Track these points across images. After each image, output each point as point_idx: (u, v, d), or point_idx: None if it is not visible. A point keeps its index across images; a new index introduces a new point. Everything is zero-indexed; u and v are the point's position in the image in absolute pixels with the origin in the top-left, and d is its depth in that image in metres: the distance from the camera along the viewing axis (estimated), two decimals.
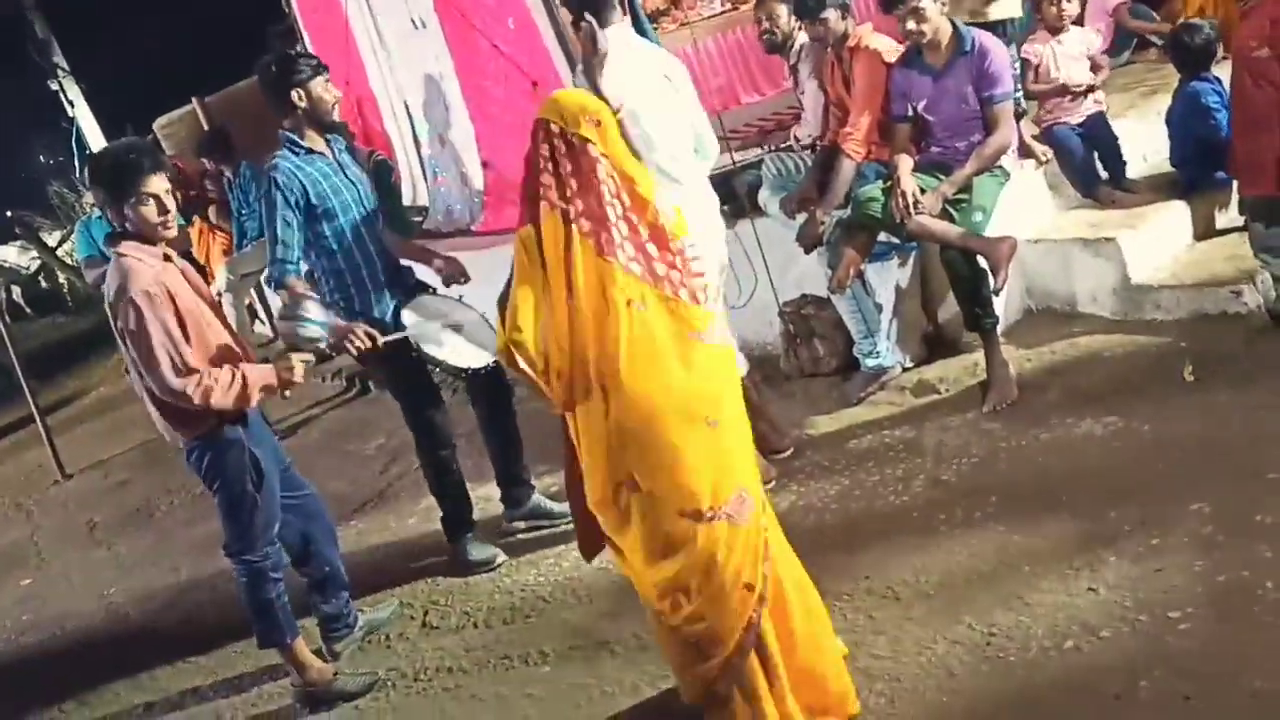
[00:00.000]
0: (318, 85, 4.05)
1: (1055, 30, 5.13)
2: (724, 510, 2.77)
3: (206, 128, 9.19)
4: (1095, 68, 5.17)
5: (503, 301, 2.88)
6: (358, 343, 3.89)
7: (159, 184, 3.45)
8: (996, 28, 5.12)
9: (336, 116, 4.14)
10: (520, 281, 2.80)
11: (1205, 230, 4.91)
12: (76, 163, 12.30)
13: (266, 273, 4.14)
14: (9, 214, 16.54)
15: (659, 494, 2.76)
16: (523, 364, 2.77)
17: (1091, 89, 5.10)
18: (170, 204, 3.49)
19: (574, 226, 2.73)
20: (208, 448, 3.62)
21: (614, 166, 2.78)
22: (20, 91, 12.92)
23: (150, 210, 3.44)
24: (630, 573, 2.94)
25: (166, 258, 3.54)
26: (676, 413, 2.74)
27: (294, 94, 4.03)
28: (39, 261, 16.90)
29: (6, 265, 16.95)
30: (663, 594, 2.84)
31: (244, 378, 3.48)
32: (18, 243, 17.12)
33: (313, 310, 3.64)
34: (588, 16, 3.87)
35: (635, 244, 2.77)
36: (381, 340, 3.93)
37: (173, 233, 3.55)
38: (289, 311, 3.66)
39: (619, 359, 2.71)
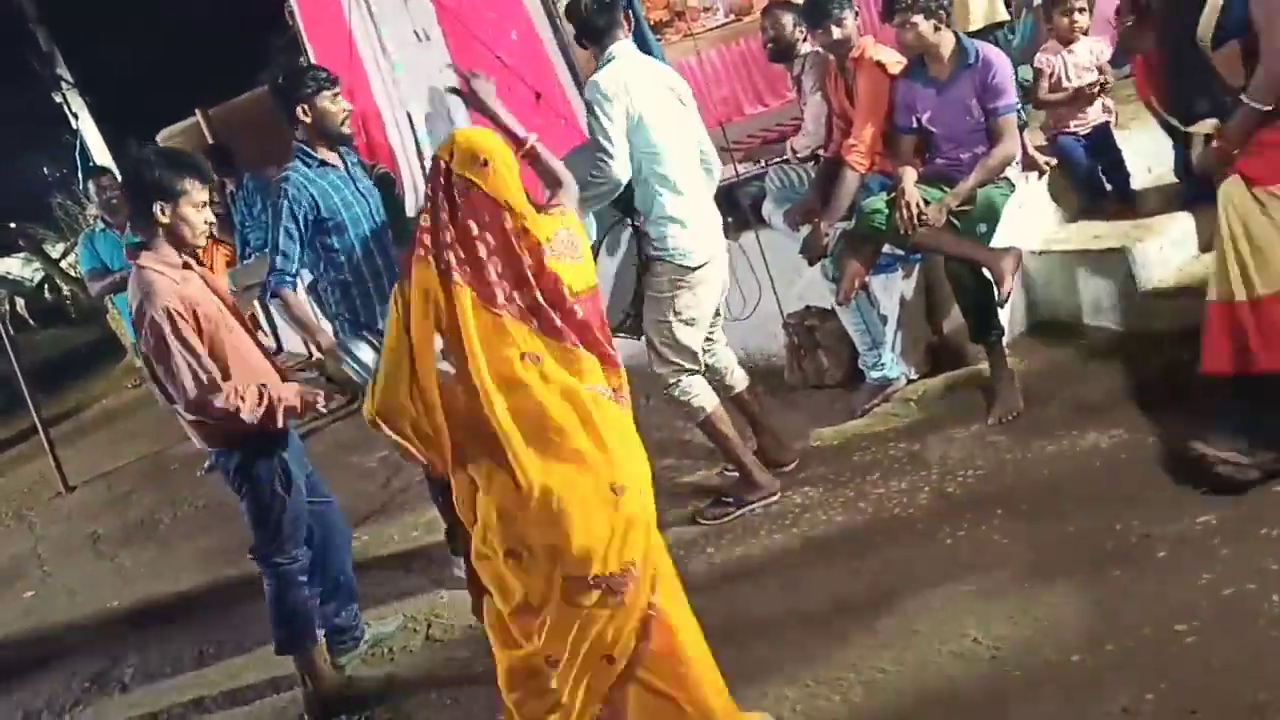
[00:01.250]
0: (323, 100, 4.06)
1: (1067, 41, 5.15)
2: (606, 580, 2.67)
3: (210, 140, 9.24)
4: (1103, 73, 5.19)
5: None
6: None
7: (203, 193, 3.53)
8: (986, 36, 5.12)
9: (346, 129, 4.14)
10: (390, 337, 2.69)
11: (1210, 240, 4.89)
12: (80, 175, 12.33)
13: (263, 281, 4.16)
14: (12, 226, 16.56)
15: (549, 560, 2.65)
16: (393, 435, 2.68)
17: (1104, 88, 5.10)
18: (210, 215, 3.56)
19: (454, 275, 2.63)
20: (235, 452, 3.62)
21: (501, 210, 2.67)
22: (23, 104, 12.95)
23: (195, 215, 3.49)
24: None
25: (186, 265, 3.56)
26: (579, 475, 2.64)
27: (299, 109, 4.04)
28: (43, 274, 16.93)
29: (10, 277, 17.00)
30: (518, 670, 2.77)
31: (270, 399, 3.48)
32: (21, 255, 17.15)
33: (366, 355, 3.63)
34: None
35: (525, 295, 2.66)
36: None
37: (202, 242, 3.59)
38: (341, 346, 3.70)
39: (515, 418, 2.60)
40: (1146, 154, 5.30)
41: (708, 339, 4.28)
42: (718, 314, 4.30)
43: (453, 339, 2.65)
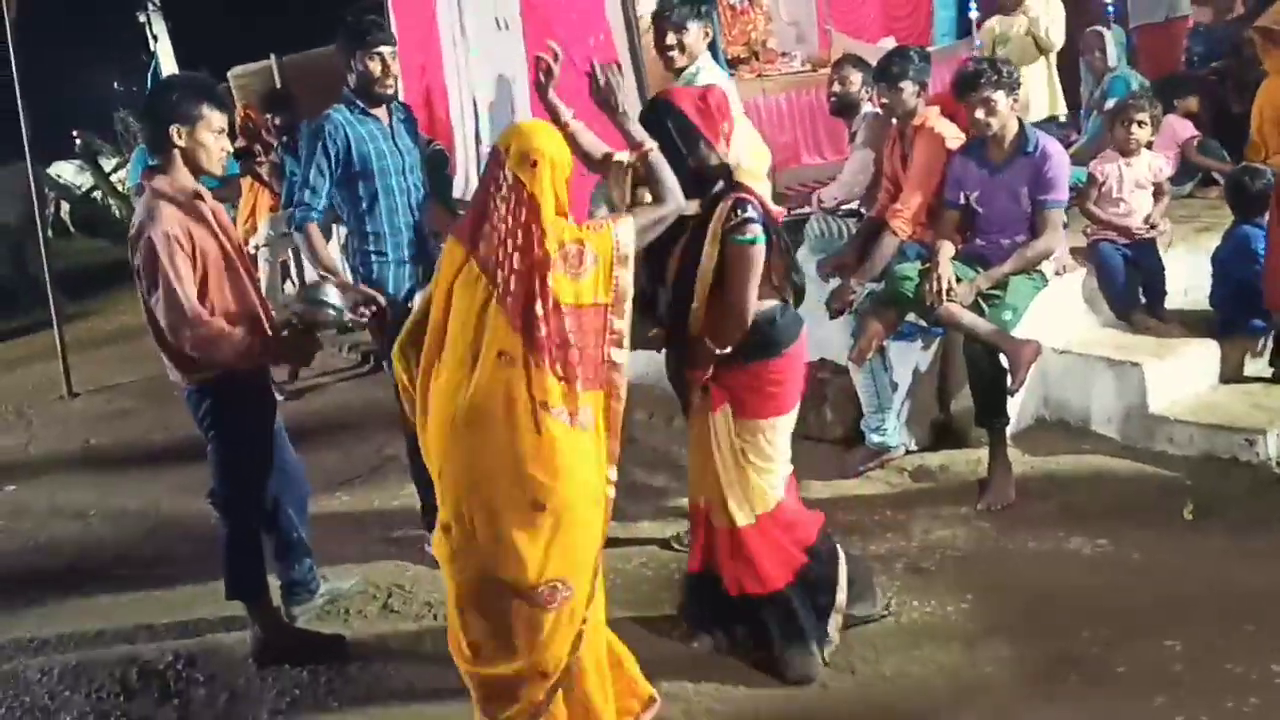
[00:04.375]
0: (367, 57, 4.12)
1: (1125, 152, 5.14)
2: (538, 593, 2.78)
3: (278, 85, 9.34)
4: (1158, 193, 5.19)
5: None
6: (372, 309, 4.01)
7: (222, 120, 3.56)
8: (1041, 128, 5.12)
9: (385, 90, 4.18)
10: (424, 294, 2.94)
11: (1232, 374, 4.89)
12: (148, 95, 12.49)
13: (290, 213, 4.24)
14: (74, 133, 16.75)
15: (483, 549, 2.77)
16: (400, 374, 2.95)
17: (1152, 226, 5.10)
18: (226, 144, 3.60)
19: (472, 261, 2.76)
20: (208, 393, 3.64)
21: (536, 212, 2.75)
22: (105, 18, 13.15)
23: (212, 141, 3.52)
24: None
25: (198, 196, 3.57)
26: (507, 481, 2.73)
27: (345, 60, 4.16)
28: (92, 183, 17.11)
29: (61, 181, 17.15)
30: (467, 645, 2.88)
31: (249, 343, 3.49)
32: (76, 161, 17.34)
33: (333, 295, 3.64)
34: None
35: (525, 299, 2.73)
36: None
37: (219, 170, 3.62)
38: (312, 295, 3.65)
39: (469, 408, 2.73)
40: (1186, 276, 5.29)
41: None
42: None
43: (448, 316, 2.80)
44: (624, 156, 3.24)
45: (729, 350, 3.34)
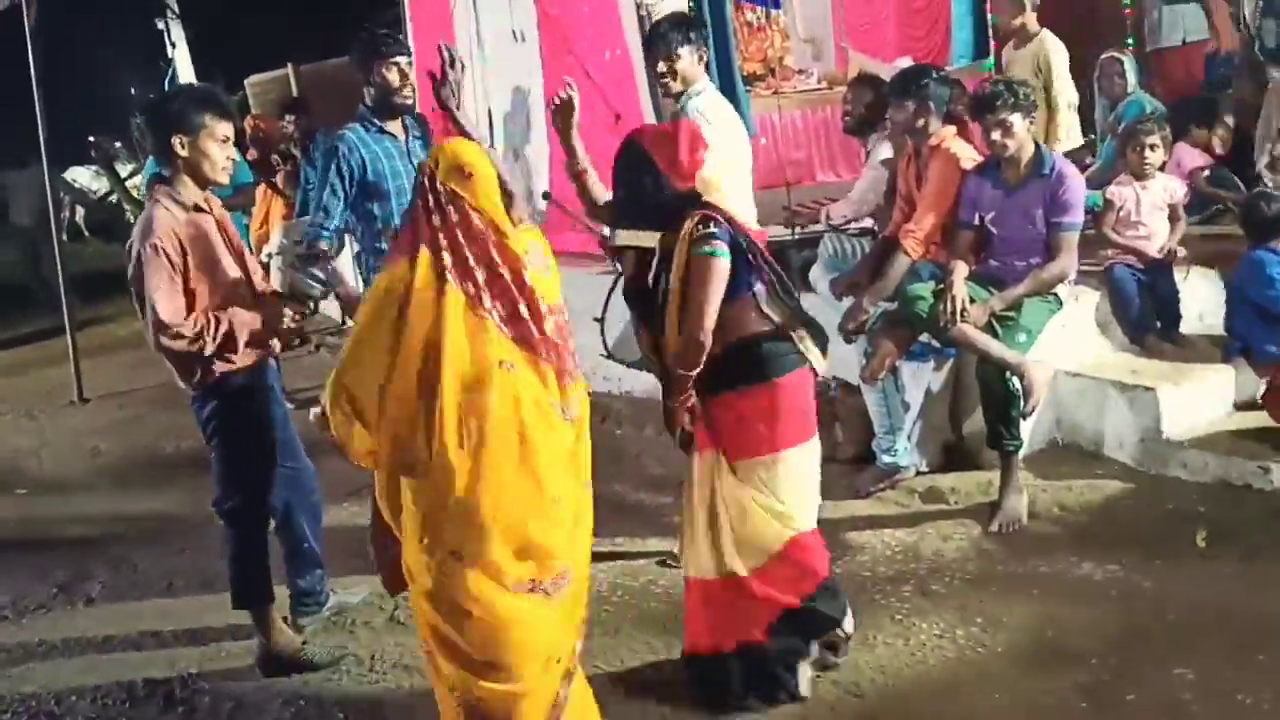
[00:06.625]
0: (384, 68, 4.12)
1: (1139, 177, 5.14)
2: (544, 585, 2.77)
3: (295, 93, 9.41)
4: (1174, 217, 5.18)
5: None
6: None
7: (226, 129, 3.58)
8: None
9: (405, 101, 4.17)
10: (374, 320, 2.74)
11: (1247, 400, 4.86)
12: (154, 105, 12.54)
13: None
14: (91, 139, 16.82)
15: (482, 563, 2.72)
16: (338, 417, 2.73)
17: (1173, 253, 5.10)
18: (231, 153, 3.61)
19: (449, 277, 2.69)
20: (212, 397, 3.66)
21: (485, 221, 2.74)
22: (123, 23, 13.21)
23: (216, 150, 3.55)
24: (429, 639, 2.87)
25: (197, 208, 3.60)
26: (530, 482, 2.72)
27: (362, 73, 4.15)
28: (108, 188, 17.18)
29: (77, 186, 17.24)
30: (472, 666, 2.79)
31: (229, 322, 3.54)
32: (93, 167, 17.42)
33: (321, 274, 3.74)
34: None
35: (506, 304, 2.73)
36: None
37: (224, 179, 3.65)
38: (302, 265, 3.75)
39: (482, 422, 2.67)
40: (1202, 301, 5.28)
41: None
42: None
43: (431, 338, 2.69)
44: None
45: (694, 373, 3.24)
